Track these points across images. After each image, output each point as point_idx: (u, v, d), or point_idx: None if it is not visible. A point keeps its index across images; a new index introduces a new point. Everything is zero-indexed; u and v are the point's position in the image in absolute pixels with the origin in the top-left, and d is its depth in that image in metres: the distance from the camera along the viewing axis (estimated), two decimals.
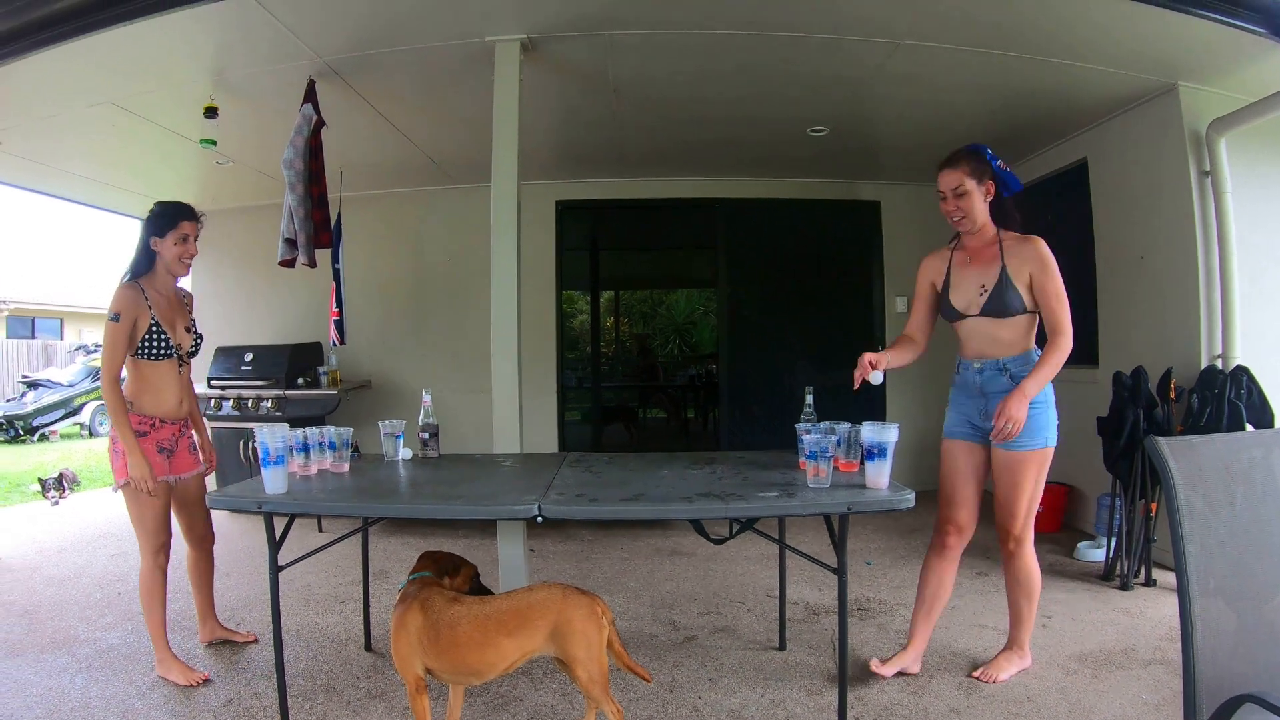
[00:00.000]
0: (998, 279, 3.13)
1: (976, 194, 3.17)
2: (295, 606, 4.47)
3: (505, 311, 4.28)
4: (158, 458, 3.49)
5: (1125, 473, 4.72)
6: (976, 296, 3.19)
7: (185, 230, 3.56)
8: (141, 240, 3.57)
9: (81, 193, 7.59)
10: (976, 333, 3.23)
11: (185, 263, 3.62)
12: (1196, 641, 1.72)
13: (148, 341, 3.44)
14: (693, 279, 11.05)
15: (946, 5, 4.03)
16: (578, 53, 4.59)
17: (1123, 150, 5.41)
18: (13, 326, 20.53)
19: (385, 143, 6.17)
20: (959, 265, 3.31)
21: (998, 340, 3.18)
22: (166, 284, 3.61)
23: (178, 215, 3.56)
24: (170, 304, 3.60)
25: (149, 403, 3.50)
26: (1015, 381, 3.09)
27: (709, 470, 3.26)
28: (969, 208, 3.18)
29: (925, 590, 3.45)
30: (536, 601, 2.66)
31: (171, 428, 3.58)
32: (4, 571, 5.47)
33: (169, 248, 3.53)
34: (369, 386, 7.50)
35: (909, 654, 3.44)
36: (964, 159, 3.20)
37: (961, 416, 3.34)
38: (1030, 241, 3.14)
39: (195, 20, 3.95)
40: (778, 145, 6.52)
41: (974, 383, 3.25)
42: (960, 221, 3.24)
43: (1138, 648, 3.69)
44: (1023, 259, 3.11)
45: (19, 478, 9.98)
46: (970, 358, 3.28)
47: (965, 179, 3.17)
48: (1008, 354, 3.17)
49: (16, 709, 3.29)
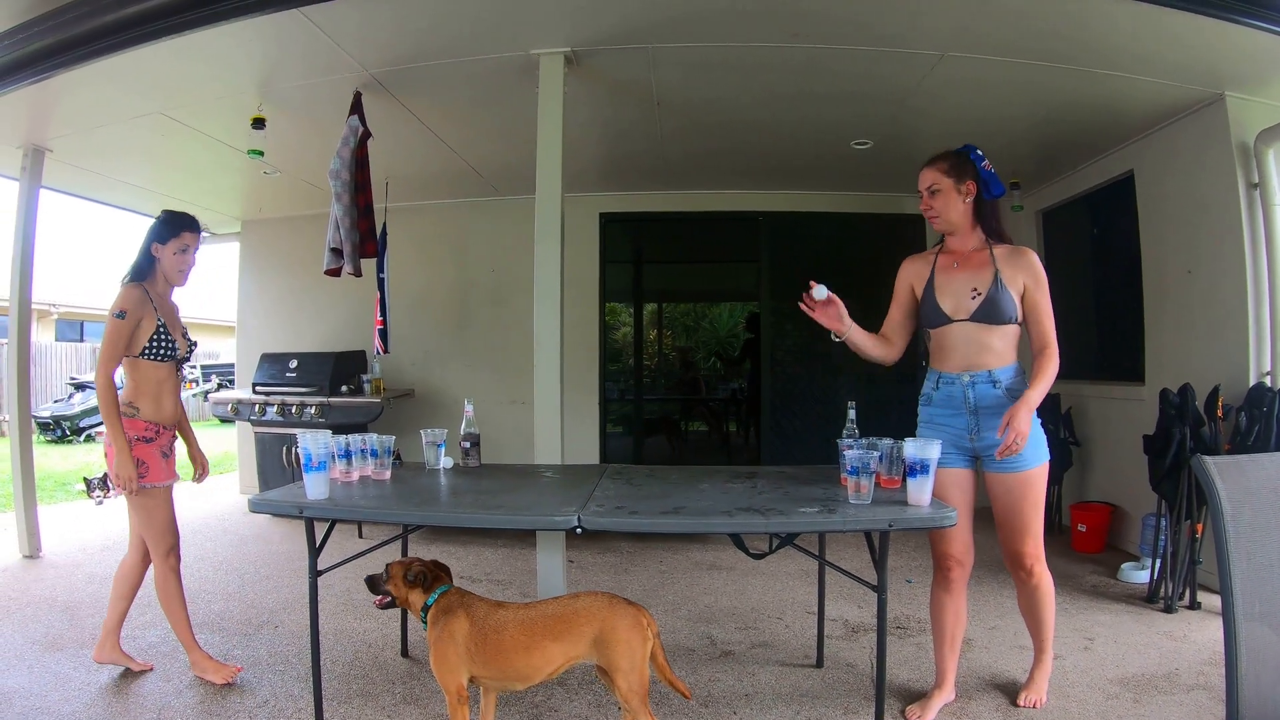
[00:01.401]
0: (991, 283, 3.05)
1: (953, 193, 3.12)
2: (334, 611, 4.52)
3: (548, 323, 4.29)
4: (163, 462, 3.55)
5: (1171, 492, 4.63)
6: (968, 300, 3.09)
7: (186, 241, 3.62)
8: (144, 244, 3.62)
9: (130, 201, 7.76)
10: (964, 340, 3.11)
11: (182, 272, 3.65)
12: (1241, 667, 1.68)
13: (155, 342, 3.49)
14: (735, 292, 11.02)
15: (991, 17, 4.00)
16: (621, 65, 4.61)
17: (1169, 162, 5.32)
18: (62, 330, 20.93)
19: (430, 154, 6.24)
20: (944, 269, 3.21)
21: (988, 349, 3.07)
22: (165, 289, 3.66)
23: (180, 225, 3.63)
24: (169, 310, 3.67)
25: (149, 408, 3.54)
26: (1009, 395, 3.02)
27: (750, 484, 3.24)
28: (943, 206, 3.14)
29: (943, 626, 3.33)
30: (583, 608, 2.67)
31: (168, 433, 3.62)
32: (47, 567, 5.58)
33: (168, 256, 3.59)
34: (412, 395, 7.57)
35: (944, 689, 3.32)
36: (943, 158, 3.18)
37: (945, 438, 3.06)
38: (1023, 253, 3.10)
39: (243, 33, 4.02)
40: (821, 158, 6.50)
41: (961, 397, 3.13)
42: (935, 220, 3.20)
43: (1180, 672, 3.62)
44: (1016, 269, 3.05)
45: (65, 477, 10.17)
46: (955, 370, 3.15)
47: (941, 177, 3.14)
48: (998, 364, 3.07)
49: (54, 702, 3.35)
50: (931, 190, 3.16)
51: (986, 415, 3.07)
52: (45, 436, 14.88)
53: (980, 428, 3.09)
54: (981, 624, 4.29)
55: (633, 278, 8.26)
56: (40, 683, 3.56)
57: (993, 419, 3.03)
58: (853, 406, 3.34)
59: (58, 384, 17.05)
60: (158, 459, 3.51)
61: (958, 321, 3.12)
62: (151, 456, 3.49)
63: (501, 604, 2.77)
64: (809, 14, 4.05)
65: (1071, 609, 4.38)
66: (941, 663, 3.34)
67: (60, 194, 7.11)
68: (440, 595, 2.81)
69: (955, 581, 3.28)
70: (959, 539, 3.22)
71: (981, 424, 3.09)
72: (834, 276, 7.45)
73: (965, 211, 3.14)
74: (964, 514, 3.15)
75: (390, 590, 2.90)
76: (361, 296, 7.02)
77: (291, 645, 4.04)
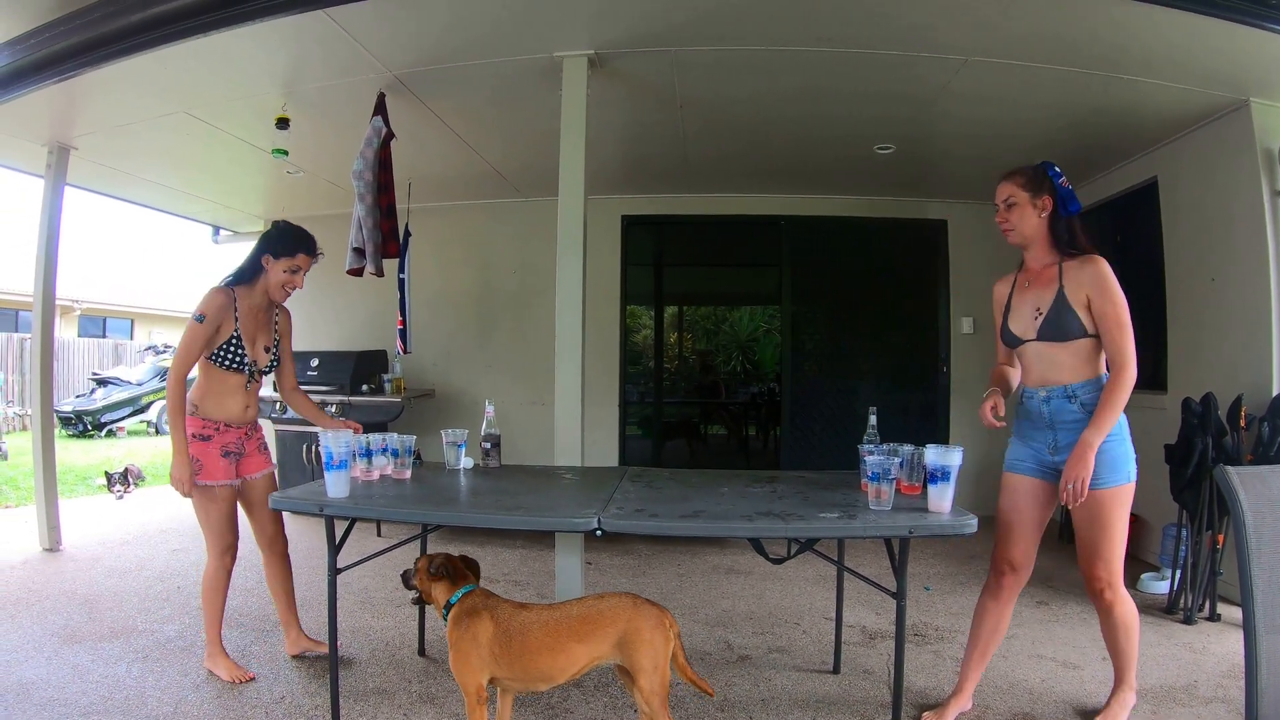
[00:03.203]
0: (1053, 301, 3.01)
1: (1028, 207, 3.07)
2: (352, 609, 4.54)
3: (570, 324, 4.30)
4: (222, 461, 3.52)
5: (1192, 503, 4.60)
6: (1031, 320, 3.07)
7: (299, 262, 3.60)
8: (255, 251, 3.60)
9: (154, 199, 7.84)
10: (1037, 357, 3.09)
11: (287, 291, 3.63)
12: (1261, 680, 1.67)
13: (224, 350, 3.47)
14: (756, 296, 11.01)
15: (1015, 21, 3.97)
16: (644, 68, 4.62)
17: (1193, 169, 5.28)
18: (85, 326, 21.11)
19: (453, 155, 6.27)
20: (1019, 288, 3.20)
21: (1059, 364, 3.03)
22: (262, 300, 3.63)
23: (298, 245, 3.60)
24: (257, 320, 3.62)
25: (213, 407, 3.53)
26: (1086, 410, 2.95)
27: (769, 489, 3.24)
28: (1018, 220, 3.10)
29: (980, 632, 3.28)
30: (607, 609, 2.66)
31: (236, 432, 3.58)
32: (67, 561, 5.63)
33: (277, 271, 3.56)
34: (432, 395, 7.60)
35: (962, 697, 3.30)
36: (1021, 171, 3.13)
37: (1028, 450, 3.14)
38: (1090, 262, 2.99)
39: (267, 34, 4.05)
40: (843, 162, 6.49)
41: (1040, 413, 3.08)
42: (1009, 234, 3.16)
43: (1199, 685, 3.59)
44: (1080, 281, 2.98)
45: (86, 471, 10.24)
46: (1034, 385, 3.12)
47: (1017, 190, 3.09)
48: (1073, 379, 3.00)
49: (72, 694, 3.38)
50: (1008, 203, 3.12)
51: (1064, 430, 3.02)
52: (67, 431, 15.04)
53: (1057, 443, 3.05)
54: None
55: (654, 280, 8.26)
56: (59, 674, 3.59)
57: (1070, 434, 2.98)
58: (874, 412, 3.33)
59: (80, 379, 17.23)
60: (214, 458, 3.50)
61: (1027, 342, 3.11)
62: (208, 455, 3.48)
63: (525, 605, 2.77)
64: (834, 18, 4.04)
65: (1091, 619, 4.33)
66: (966, 669, 3.31)
67: (84, 191, 7.15)
68: (464, 595, 2.81)
69: (1005, 589, 3.23)
70: (1019, 545, 3.19)
71: (1059, 439, 3.04)
72: (856, 281, 7.54)
73: (1040, 226, 3.09)
74: (1030, 525, 3.16)
75: (418, 585, 2.91)
76: (383, 296, 7.05)
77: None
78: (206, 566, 3.61)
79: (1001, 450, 3.34)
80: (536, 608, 2.75)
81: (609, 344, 7.59)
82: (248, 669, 3.62)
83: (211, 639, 3.63)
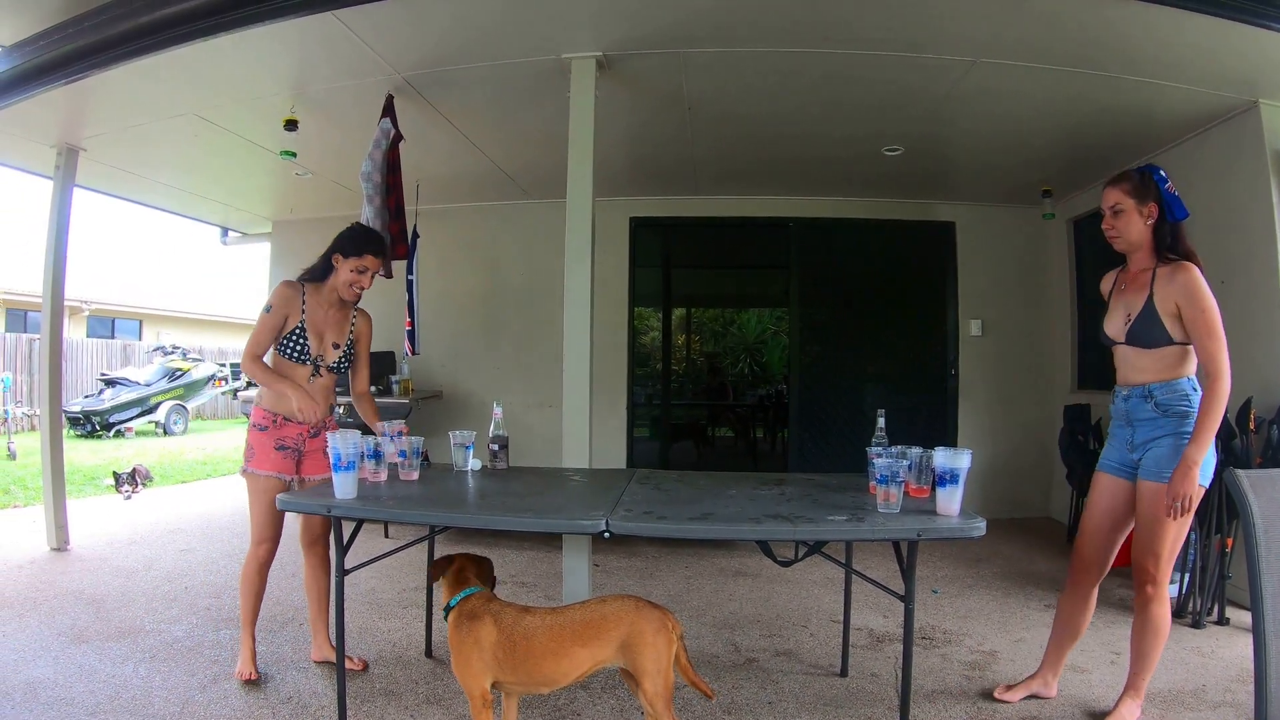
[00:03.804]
0: (1142, 307, 3.04)
1: (1135, 214, 3.09)
2: (359, 610, 4.53)
3: (578, 326, 4.29)
4: (275, 454, 3.55)
5: (1201, 506, 4.56)
6: (1122, 324, 3.12)
7: (367, 263, 3.64)
8: (327, 250, 3.68)
9: (163, 200, 7.86)
10: (1123, 360, 3.16)
11: (354, 290, 3.68)
12: (1270, 684, 1.66)
13: (288, 340, 3.54)
14: (764, 299, 11.00)
15: (1024, 23, 3.97)
16: (653, 70, 4.61)
17: (1201, 171, 5.25)
18: (93, 326, 21.18)
19: (461, 157, 6.27)
20: (1118, 290, 3.24)
21: (1141, 368, 3.08)
22: (331, 297, 3.69)
23: (366, 246, 3.66)
24: (327, 316, 3.68)
25: (273, 399, 3.58)
26: (1160, 409, 3.01)
27: (778, 491, 3.23)
28: (1124, 227, 3.11)
29: (1056, 619, 3.43)
30: (610, 613, 2.65)
31: (297, 428, 3.60)
32: (74, 561, 5.65)
33: (346, 271, 3.62)
34: (440, 397, 7.61)
35: (1036, 679, 3.44)
36: (1127, 177, 3.13)
37: (1113, 449, 3.24)
38: (1181, 270, 2.99)
39: (276, 36, 4.06)
40: (852, 164, 6.47)
41: (1121, 410, 3.17)
42: (1115, 240, 3.18)
43: (1207, 689, 3.57)
44: (1170, 288, 2.99)
45: (93, 471, 10.27)
46: (1120, 384, 3.19)
47: (1124, 197, 3.10)
48: (1152, 380, 3.05)
49: (79, 694, 3.38)
50: (1115, 210, 3.13)
51: (1140, 428, 3.09)
52: (75, 431, 15.10)
53: (1134, 440, 3.12)
54: (1007, 635, 4.26)
55: (662, 282, 8.24)
56: (65, 674, 3.60)
57: (1145, 431, 3.06)
58: (882, 415, 3.32)
59: (88, 380, 17.28)
60: (267, 448, 3.54)
61: (1118, 345, 3.16)
62: (261, 444, 3.54)
63: (528, 609, 2.75)
64: (841, 21, 4.04)
65: (1099, 623, 4.33)
66: (1045, 656, 3.48)
67: (93, 193, 7.17)
68: (464, 599, 2.80)
69: (1078, 585, 3.34)
70: (1090, 542, 3.28)
71: (1135, 436, 3.11)
72: (864, 283, 7.53)
73: (1145, 233, 3.11)
74: (1104, 523, 3.24)
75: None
76: (391, 297, 7.03)
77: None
78: (246, 556, 3.64)
79: (1007, 454, 3.36)
80: (540, 611, 2.73)
81: (617, 346, 7.57)
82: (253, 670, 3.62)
83: (243, 630, 3.64)
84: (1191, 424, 2.95)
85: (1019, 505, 7.21)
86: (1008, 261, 7.42)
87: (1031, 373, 7.40)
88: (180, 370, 17.11)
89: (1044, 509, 7.29)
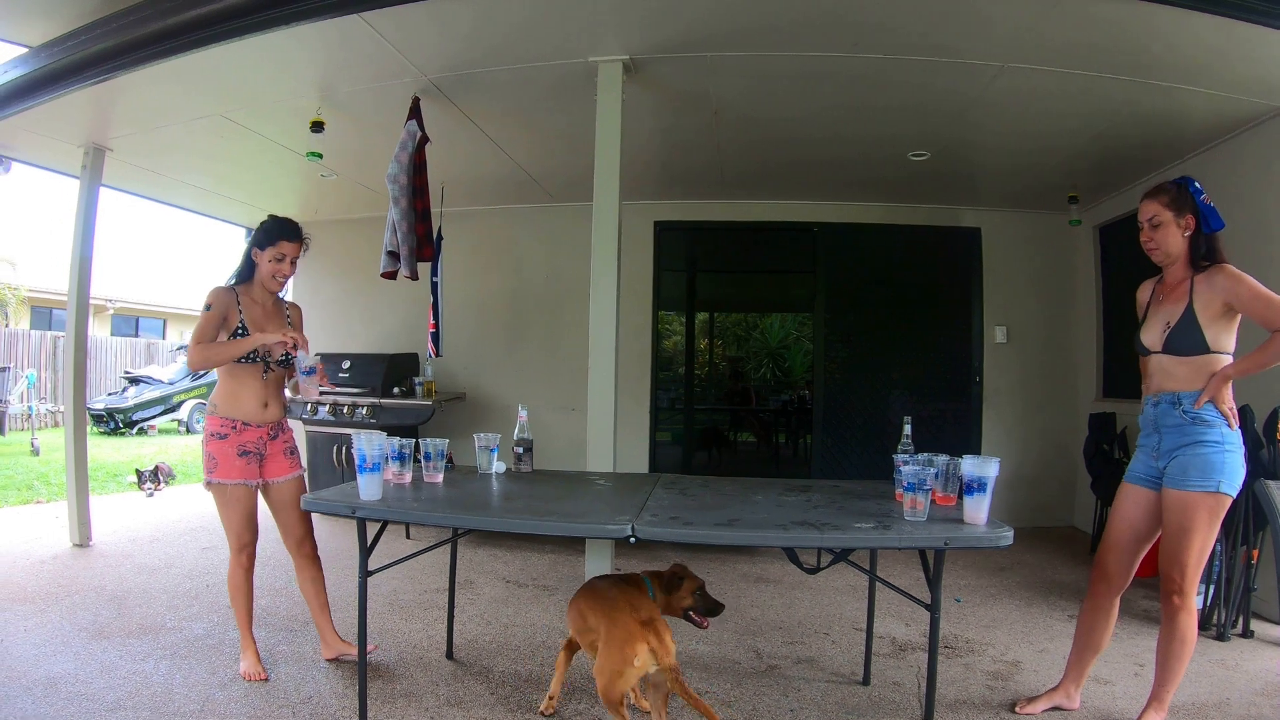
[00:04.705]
0: (1181, 315, 3.05)
1: (1173, 226, 3.08)
2: (380, 611, 4.55)
3: (604, 330, 4.29)
4: (239, 460, 3.54)
5: (1228, 517, 4.50)
6: (1160, 334, 3.12)
7: (283, 250, 3.64)
8: (246, 249, 3.71)
9: (189, 200, 7.93)
10: (1158, 368, 3.14)
11: (278, 280, 3.69)
12: None
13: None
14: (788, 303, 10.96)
15: (1051, 28, 3.94)
16: (679, 74, 4.60)
17: (1230, 177, 5.16)
18: (117, 325, 21.38)
19: (487, 159, 6.28)
20: (1155, 301, 3.24)
21: (1175, 376, 3.08)
22: (264, 294, 3.70)
23: (279, 234, 3.65)
24: (265, 312, 3.69)
25: (228, 405, 3.57)
26: (1189, 417, 3.00)
27: (804, 498, 3.21)
28: (1163, 240, 3.11)
29: (1077, 631, 3.41)
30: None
31: (257, 431, 3.61)
32: (97, 557, 5.69)
33: (265, 262, 3.63)
34: (463, 399, 7.62)
35: (1058, 691, 3.41)
36: (1165, 190, 3.13)
37: (1139, 459, 3.23)
38: (1218, 270, 3.02)
39: (303, 38, 4.09)
40: (878, 169, 6.44)
41: (1149, 416, 3.17)
42: (1154, 253, 3.17)
43: (1231, 702, 3.52)
44: (1212, 291, 3.00)
45: (116, 469, 10.38)
46: (1150, 393, 3.19)
47: (1162, 210, 3.10)
48: (1184, 388, 3.04)
49: (99, 690, 3.40)
50: (1154, 223, 3.13)
51: (1168, 435, 3.09)
52: (99, 428, 15.23)
53: (1160, 447, 3.11)
54: (1031, 646, 4.22)
55: (686, 287, 8.23)
56: (86, 670, 3.61)
57: (1172, 439, 3.06)
58: (909, 422, 3.30)
59: (112, 378, 17.44)
60: (230, 456, 3.53)
61: (1154, 354, 3.16)
62: (224, 453, 3.53)
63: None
64: (870, 24, 4.02)
65: (1122, 634, 4.29)
66: (1067, 667, 3.45)
67: (119, 192, 7.23)
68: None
69: (1097, 596, 3.33)
70: (1112, 552, 3.26)
71: (1162, 443, 3.11)
72: (889, 289, 7.48)
73: (1183, 245, 3.11)
74: (1127, 534, 3.23)
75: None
76: (415, 299, 7.07)
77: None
78: (229, 566, 3.65)
79: (1031, 462, 3.34)
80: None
81: (641, 350, 7.56)
82: (268, 670, 3.65)
83: (242, 636, 3.68)
84: (1217, 433, 2.98)
85: (1043, 514, 7.16)
86: (1033, 268, 7.37)
87: (1057, 380, 7.34)
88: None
89: (1068, 518, 7.22)
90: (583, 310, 4.36)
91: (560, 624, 4.43)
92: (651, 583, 3.13)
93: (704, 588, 3.14)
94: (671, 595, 3.12)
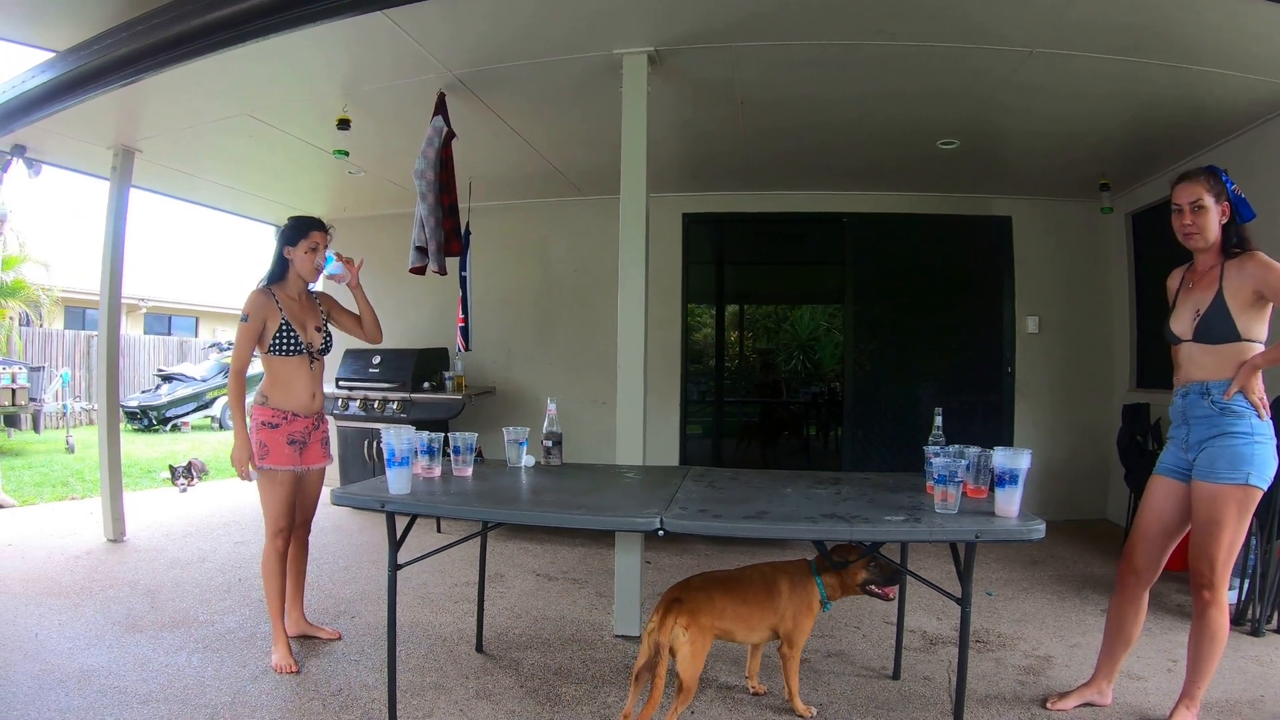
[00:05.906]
0: (1211, 302, 3.01)
1: (1214, 211, 3.04)
2: (410, 604, 4.57)
3: (633, 323, 4.27)
4: (288, 449, 3.74)
5: (1262, 510, 4.42)
6: (1190, 322, 3.07)
7: (315, 240, 3.88)
8: (276, 250, 3.89)
9: (218, 199, 8.00)
10: (1187, 357, 3.10)
11: (316, 269, 3.90)
12: None
13: (279, 339, 3.72)
14: (818, 295, 10.90)
15: (1080, 10, 3.87)
16: (705, 65, 4.58)
17: (1264, 162, 5.06)
18: (150, 323, 21.61)
19: (513, 154, 6.28)
20: (1185, 289, 3.19)
21: (1203, 365, 3.04)
22: (298, 288, 3.90)
23: (308, 226, 3.89)
24: (301, 306, 3.88)
25: (280, 397, 3.76)
26: (1218, 407, 2.95)
27: (834, 490, 3.19)
28: (1204, 224, 3.05)
29: (1107, 625, 3.37)
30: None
31: (304, 421, 3.81)
32: (130, 552, 5.77)
33: (300, 256, 3.84)
34: (493, 393, 7.65)
35: (1090, 687, 3.37)
36: (1204, 175, 3.08)
37: (1169, 450, 3.17)
38: (1249, 256, 2.98)
39: (328, 36, 4.10)
40: (906, 158, 6.38)
41: (1178, 407, 3.12)
42: (1192, 237, 3.10)
43: (1265, 699, 3.46)
44: (1242, 278, 2.96)
45: (150, 465, 10.52)
46: (1180, 383, 3.14)
47: (1205, 194, 3.04)
48: (1213, 377, 3.00)
49: (132, 683, 3.45)
50: (1197, 206, 3.06)
51: (1197, 426, 3.04)
52: (132, 425, 15.42)
53: (1189, 439, 3.07)
54: (1063, 640, 4.17)
55: (715, 279, 8.20)
56: (119, 663, 3.67)
57: (1201, 430, 3.02)
58: (939, 413, 3.27)
59: (145, 375, 17.65)
60: (280, 444, 3.73)
61: (1184, 342, 3.12)
62: (275, 441, 3.72)
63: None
64: (896, 10, 3.97)
65: (1155, 629, 4.24)
66: (1098, 662, 3.41)
67: (149, 193, 7.30)
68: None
69: (1127, 588, 3.28)
70: (1139, 546, 3.22)
71: (1190, 434, 3.07)
72: (919, 279, 7.42)
73: (1218, 232, 3.07)
74: (1155, 528, 3.18)
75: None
76: (444, 294, 7.10)
77: (367, 636, 4.09)
78: (263, 549, 3.79)
79: (1064, 455, 3.29)
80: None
81: (670, 343, 7.55)
82: (299, 662, 3.69)
83: (274, 623, 3.75)
84: (1246, 424, 2.93)
85: (1075, 507, 7.07)
86: (1065, 257, 7.27)
87: (1090, 371, 7.24)
88: None
89: (1101, 511, 7.13)
90: (611, 303, 4.36)
91: (591, 616, 4.46)
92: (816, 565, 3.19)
93: (875, 559, 3.10)
94: (843, 574, 3.13)
